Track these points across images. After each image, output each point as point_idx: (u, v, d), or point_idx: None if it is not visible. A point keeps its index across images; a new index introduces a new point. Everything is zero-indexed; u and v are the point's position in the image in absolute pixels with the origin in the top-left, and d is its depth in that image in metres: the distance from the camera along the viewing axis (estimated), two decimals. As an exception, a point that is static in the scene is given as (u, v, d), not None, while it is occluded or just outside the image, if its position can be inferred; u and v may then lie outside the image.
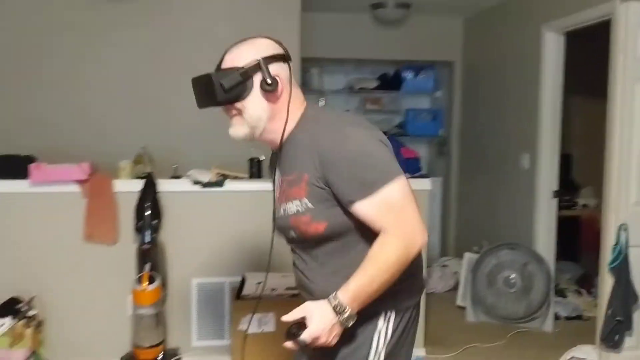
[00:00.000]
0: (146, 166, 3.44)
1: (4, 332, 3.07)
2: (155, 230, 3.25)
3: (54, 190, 3.21)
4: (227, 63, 1.51)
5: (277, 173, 1.62)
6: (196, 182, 3.36)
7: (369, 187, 1.39)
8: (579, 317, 4.44)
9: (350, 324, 1.39)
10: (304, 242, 1.56)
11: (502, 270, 4.25)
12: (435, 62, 5.99)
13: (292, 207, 1.51)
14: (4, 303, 3.15)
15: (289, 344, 1.41)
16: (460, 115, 5.85)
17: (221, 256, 3.43)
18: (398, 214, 1.40)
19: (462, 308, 4.49)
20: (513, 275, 4.22)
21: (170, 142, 4.08)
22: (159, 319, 3.22)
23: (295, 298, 2.94)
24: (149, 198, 3.24)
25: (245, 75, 1.47)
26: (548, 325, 4.22)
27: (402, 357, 1.59)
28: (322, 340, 1.38)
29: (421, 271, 1.65)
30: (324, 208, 1.47)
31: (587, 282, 4.85)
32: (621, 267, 3.10)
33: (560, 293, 4.62)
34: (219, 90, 1.47)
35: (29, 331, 3.13)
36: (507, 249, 4.29)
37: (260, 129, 1.52)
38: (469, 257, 4.58)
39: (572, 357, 3.42)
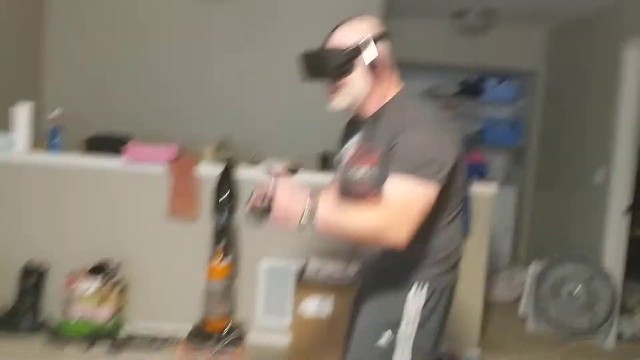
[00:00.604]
0: (227, 152, 3.74)
1: (93, 293, 3.45)
2: (231, 211, 3.53)
3: (144, 168, 3.57)
4: (336, 41, 1.69)
5: (355, 139, 1.78)
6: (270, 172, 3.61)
7: (405, 169, 1.55)
8: (644, 339, 4.35)
9: (303, 221, 1.49)
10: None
11: (567, 282, 4.23)
12: (518, 72, 5.98)
13: (359, 172, 1.68)
14: (94, 267, 3.53)
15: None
16: (540, 126, 5.81)
17: (289, 240, 3.66)
18: (401, 205, 1.53)
19: (524, 318, 4.50)
20: (577, 288, 4.20)
21: (250, 135, 4.40)
22: (229, 293, 3.51)
23: (353, 286, 3.16)
24: (226, 181, 3.53)
25: (353, 53, 1.65)
26: (610, 342, 4.16)
27: (432, 334, 1.73)
28: (281, 199, 1.50)
29: (455, 261, 1.76)
30: (383, 180, 1.60)
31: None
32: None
33: (627, 312, 4.53)
34: (328, 67, 1.66)
35: (114, 293, 3.50)
36: (573, 262, 4.27)
37: (360, 102, 1.71)
38: (534, 267, 4.58)
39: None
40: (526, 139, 5.98)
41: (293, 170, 3.63)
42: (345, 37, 1.67)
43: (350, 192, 1.73)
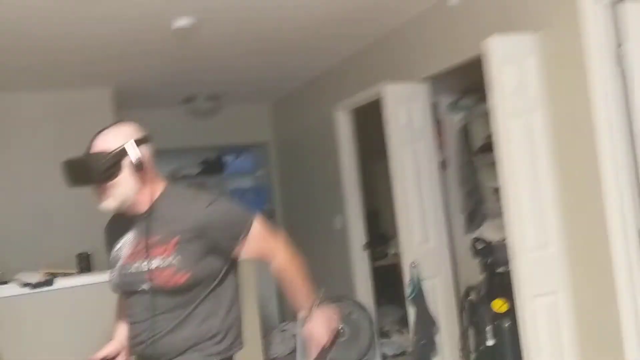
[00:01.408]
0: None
1: None
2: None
3: None
4: (98, 147, 1.76)
5: (132, 235, 1.85)
6: (25, 285, 3.41)
7: (244, 231, 1.82)
8: (403, 354, 5.00)
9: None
10: (156, 294, 1.76)
11: (331, 322, 4.69)
12: (251, 145, 6.55)
13: (153, 263, 1.76)
14: None
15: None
16: (281, 189, 6.41)
17: (56, 356, 3.46)
18: (270, 235, 1.90)
19: (303, 365, 4.83)
20: (341, 326, 4.69)
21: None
22: None
23: None
24: (-25, 307, 3.24)
25: (117, 157, 1.74)
26: (377, 364, 4.73)
27: None
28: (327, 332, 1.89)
29: (239, 327, 1.95)
30: (188, 262, 1.75)
31: (407, 321, 5.47)
32: (418, 298, 3.70)
33: (385, 335, 5.18)
34: (94, 172, 1.72)
35: None
36: (332, 302, 4.76)
37: (128, 201, 1.80)
38: (300, 316, 4.98)
39: (395, 385, 3.91)
40: (271, 203, 6.53)
41: (48, 281, 3.50)
42: (109, 142, 1.76)
43: (143, 284, 1.79)
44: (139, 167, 1.78)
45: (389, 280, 5.78)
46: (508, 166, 2.87)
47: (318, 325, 1.87)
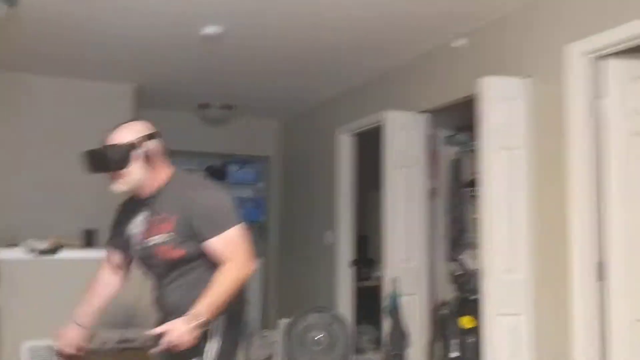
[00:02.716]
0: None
1: None
2: (-10, 294, 3.48)
3: None
4: (114, 140, 2.09)
5: (142, 215, 2.17)
6: (32, 250, 3.67)
7: (219, 228, 2.04)
8: (376, 370, 5.21)
9: (206, 327, 1.94)
10: (163, 266, 2.12)
11: (310, 330, 4.93)
12: (256, 157, 6.86)
13: (159, 238, 2.08)
14: None
15: (154, 350, 1.95)
16: (278, 202, 6.70)
17: (54, 320, 3.68)
18: (236, 248, 2.04)
19: (279, 369, 5.05)
20: (320, 335, 4.92)
21: (10, 213, 4.37)
22: (-11, 379, 3.39)
23: (125, 351, 3.48)
24: (-15, 264, 3.49)
25: (129, 149, 2.06)
26: (349, 377, 4.93)
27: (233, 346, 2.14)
28: (184, 340, 1.90)
29: (243, 306, 2.25)
30: (185, 240, 2.06)
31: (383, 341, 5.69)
32: (393, 312, 3.95)
33: (361, 351, 5.40)
34: (110, 162, 2.05)
35: None
36: (314, 312, 5.01)
37: (137, 186, 2.12)
38: (283, 322, 5.21)
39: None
40: (268, 215, 6.81)
41: (54, 250, 3.76)
42: (123, 136, 2.10)
43: (153, 257, 2.12)
44: (148, 158, 2.10)
45: (370, 302, 6.00)
46: (488, 195, 3.16)
47: (183, 328, 1.91)
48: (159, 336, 1.94)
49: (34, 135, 4.72)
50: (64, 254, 3.74)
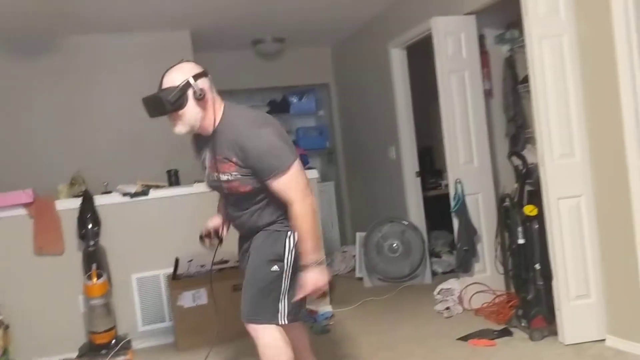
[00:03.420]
0: (81, 186, 4.13)
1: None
2: (97, 235, 3.94)
3: (5, 214, 3.84)
4: (167, 84, 2.22)
5: (208, 152, 2.35)
6: (125, 194, 4.09)
7: (274, 171, 2.18)
8: (452, 271, 5.47)
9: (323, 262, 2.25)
10: (235, 196, 2.34)
11: (386, 239, 5.22)
12: (313, 86, 7.03)
13: (224, 176, 2.28)
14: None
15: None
16: (341, 127, 6.91)
17: (154, 252, 4.15)
18: (295, 187, 2.19)
19: (361, 279, 5.41)
20: (395, 243, 5.20)
21: (98, 165, 4.81)
22: (109, 308, 3.90)
23: (222, 272, 3.85)
24: (88, 210, 3.94)
25: (182, 91, 2.20)
26: (427, 279, 5.22)
27: (298, 267, 2.35)
28: (322, 283, 2.23)
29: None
30: (248, 178, 2.23)
31: (458, 245, 5.93)
32: (461, 210, 4.14)
33: (436, 255, 5.66)
34: (166, 104, 2.19)
35: (-3, 334, 3.69)
36: (387, 223, 5.28)
37: (196, 126, 2.28)
38: (359, 235, 5.53)
39: (441, 289, 4.40)
40: (332, 140, 7.04)
41: (144, 191, 4.15)
42: (174, 79, 2.19)
43: (224, 189, 2.33)
44: (200, 96, 2.19)
45: (441, 208, 6.22)
46: (539, 82, 3.24)
47: (313, 278, 2.21)
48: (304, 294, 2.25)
49: (109, 93, 5.11)
50: (154, 194, 4.13)
